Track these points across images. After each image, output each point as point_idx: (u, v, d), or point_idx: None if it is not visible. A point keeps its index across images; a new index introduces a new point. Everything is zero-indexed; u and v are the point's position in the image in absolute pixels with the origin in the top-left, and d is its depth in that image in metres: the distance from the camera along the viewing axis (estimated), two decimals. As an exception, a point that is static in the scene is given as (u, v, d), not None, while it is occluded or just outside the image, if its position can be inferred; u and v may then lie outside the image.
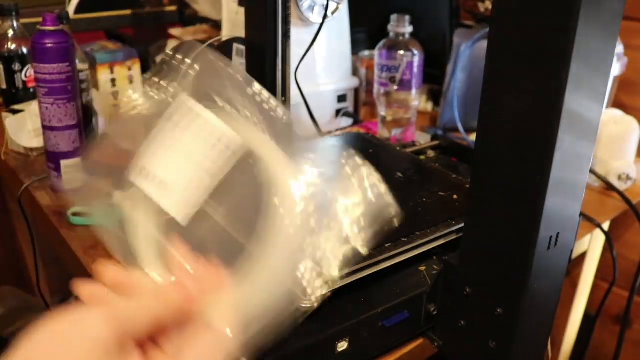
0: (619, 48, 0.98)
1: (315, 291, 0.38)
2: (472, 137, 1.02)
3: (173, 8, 1.57)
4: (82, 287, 0.33)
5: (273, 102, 0.43)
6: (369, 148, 0.80)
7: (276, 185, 0.39)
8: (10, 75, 1.03)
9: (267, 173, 0.40)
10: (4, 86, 1.04)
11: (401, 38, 1.00)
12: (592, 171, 0.92)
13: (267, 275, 0.37)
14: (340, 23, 1.10)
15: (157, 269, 0.38)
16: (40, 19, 0.79)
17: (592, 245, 0.99)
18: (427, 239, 0.59)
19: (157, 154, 0.40)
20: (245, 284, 0.37)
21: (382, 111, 1.06)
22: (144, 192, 0.40)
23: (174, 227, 0.39)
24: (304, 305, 0.38)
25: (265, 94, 0.43)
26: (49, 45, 0.78)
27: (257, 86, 0.43)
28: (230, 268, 0.37)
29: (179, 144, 0.39)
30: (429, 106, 1.26)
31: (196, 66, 0.42)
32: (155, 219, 0.40)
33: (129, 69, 1.15)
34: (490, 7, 1.05)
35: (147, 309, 0.32)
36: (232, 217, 0.39)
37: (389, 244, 0.57)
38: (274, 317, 0.36)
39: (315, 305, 0.39)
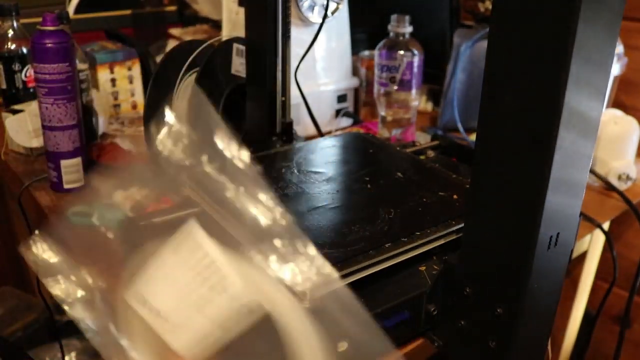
0: (619, 48, 0.98)
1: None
2: (472, 137, 1.02)
3: (173, 8, 1.57)
4: None
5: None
6: (369, 148, 0.79)
7: None
8: (10, 75, 1.03)
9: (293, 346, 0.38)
10: (4, 86, 1.04)
11: (401, 38, 1.00)
12: (592, 171, 0.92)
13: None
14: (340, 23, 1.10)
15: None
16: (40, 19, 0.79)
17: (592, 245, 0.99)
18: (427, 239, 0.59)
19: (160, 287, 0.38)
20: None
21: (382, 111, 1.06)
22: (148, 322, 0.38)
23: None
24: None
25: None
26: (49, 45, 0.78)
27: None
28: None
29: (188, 285, 0.37)
30: (429, 106, 1.26)
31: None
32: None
33: (129, 69, 1.15)
34: (490, 7, 1.05)
35: None
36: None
37: (389, 244, 0.57)
38: None
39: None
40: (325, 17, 0.91)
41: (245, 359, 0.38)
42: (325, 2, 1.00)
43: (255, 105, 0.83)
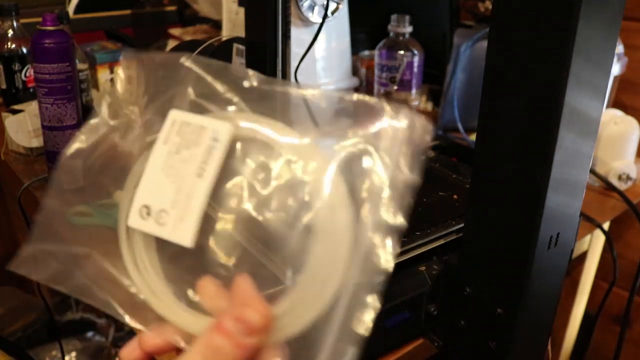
0: (619, 48, 0.98)
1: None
2: (472, 137, 1.02)
3: (173, 8, 1.57)
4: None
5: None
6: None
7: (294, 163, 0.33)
8: (10, 75, 1.03)
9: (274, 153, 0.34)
10: (4, 86, 1.04)
11: (401, 38, 1.00)
12: (592, 171, 0.92)
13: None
14: (340, 23, 1.10)
15: (186, 314, 0.34)
16: (40, 19, 0.79)
17: (592, 245, 0.99)
18: (427, 239, 0.59)
19: (152, 183, 0.35)
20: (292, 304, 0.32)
21: (382, 111, 1.06)
22: (145, 231, 0.35)
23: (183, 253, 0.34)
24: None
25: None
26: (49, 45, 0.78)
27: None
28: (265, 260, 0.33)
29: (171, 162, 0.35)
30: (429, 106, 1.26)
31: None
32: (158, 256, 0.36)
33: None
34: (490, 7, 1.05)
35: None
36: (244, 223, 0.34)
37: (389, 244, 0.57)
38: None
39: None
40: (325, 17, 0.91)
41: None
42: (325, 2, 1.00)
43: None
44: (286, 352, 0.32)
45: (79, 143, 0.38)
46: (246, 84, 0.35)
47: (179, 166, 0.34)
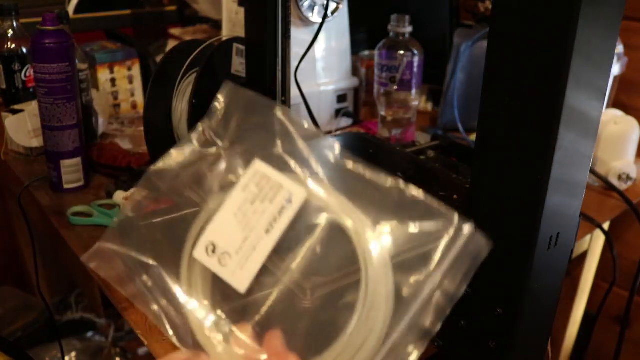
0: (619, 48, 0.98)
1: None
2: (472, 137, 1.02)
3: (173, 8, 1.57)
4: None
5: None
6: (369, 148, 0.79)
7: (358, 247, 0.36)
8: (10, 75, 1.03)
9: (346, 232, 0.37)
10: (4, 86, 1.04)
11: (401, 38, 1.00)
12: (592, 171, 0.92)
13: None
14: (340, 23, 1.10)
15: (217, 345, 0.36)
16: (40, 19, 0.79)
17: (592, 245, 0.99)
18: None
19: (223, 224, 0.37)
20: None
21: (382, 111, 1.06)
22: (206, 266, 0.38)
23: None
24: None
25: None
26: (49, 45, 0.78)
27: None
28: (301, 324, 0.36)
29: (244, 209, 0.37)
30: (429, 106, 1.26)
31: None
32: (210, 286, 0.38)
33: (129, 69, 1.15)
34: (490, 7, 1.05)
35: None
36: (308, 271, 0.36)
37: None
38: None
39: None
40: (325, 17, 0.91)
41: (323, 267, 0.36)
42: (325, 2, 1.00)
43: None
44: None
45: (167, 161, 0.41)
46: (331, 158, 0.38)
47: (250, 216, 0.37)
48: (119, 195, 0.79)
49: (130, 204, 0.41)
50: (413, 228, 0.35)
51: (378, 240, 0.35)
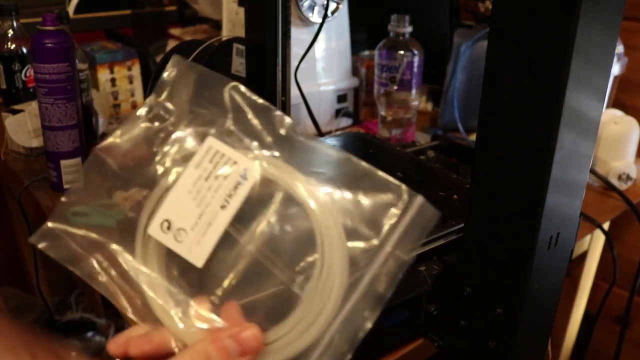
0: (619, 48, 0.98)
1: None
2: (472, 137, 1.02)
3: (173, 8, 1.57)
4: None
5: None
6: (369, 148, 0.80)
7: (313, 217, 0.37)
8: (10, 75, 1.03)
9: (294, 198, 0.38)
10: (4, 86, 1.04)
11: (401, 38, 1.00)
12: (592, 171, 0.92)
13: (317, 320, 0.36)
14: (340, 23, 1.10)
15: (176, 320, 0.37)
16: (40, 19, 0.79)
17: (592, 245, 0.99)
18: (427, 239, 0.59)
19: (178, 202, 0.38)
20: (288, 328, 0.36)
21: (382, 111, 1.06)
22: (163, 243, 0.38)
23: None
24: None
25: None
26: (49, 45, 0.78)
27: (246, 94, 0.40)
28: (258, 291, 0.37)
29: (199, 186, 0.38)
30: (429, 106, 1.26)
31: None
32: (166, 262, 0.39)
33: (129, 69, 1.15)
34: (490, 7, 1.05)
35: None
36: (264, 244, 0.37)
37: (389, 244, 0.57)
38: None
39: None
40: (325, 17, 0.91)
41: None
42: (325, 2, 1.00)
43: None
44: None
45: (114, 138, 0.40)
46: (282, 131, 0.39)
47: (205, 192, 0.37)
48: (119, 196, 0.78)
49: (78, 182, 0.41)
50: (365, 198, 0.37)
51: (332, 211, 0.36)
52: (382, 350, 0.58)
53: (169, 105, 0.40)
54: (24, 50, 1.03)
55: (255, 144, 0.38)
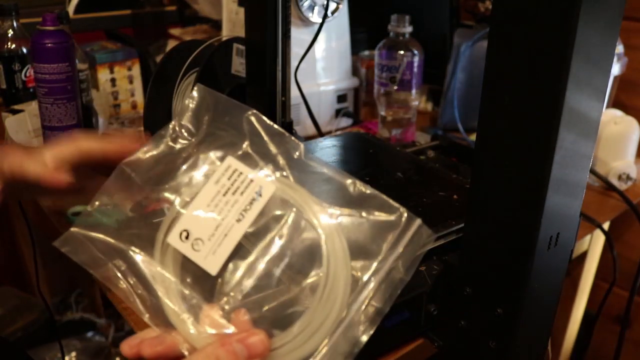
0: (619, 48, 0.98)
1: None
2: (472, 137, 1.02)
3: (173, 8, 1.57)
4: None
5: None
6: (369, 148, 0.79)
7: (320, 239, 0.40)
8: (10, 75, 1.03)
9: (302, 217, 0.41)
10: (4, 86, 1.04)
11: (401, 38, 1.00)
12: (592, 171, 0.92)
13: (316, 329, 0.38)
14: (340, 23, 1.10)
15: (189, 324, 0.39)
16: (40, 19, 0.79)
17: (592, 245, 0.99)
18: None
19: (198, 213, 0.41)
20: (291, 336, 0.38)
21: (382, 111, 1.06)
22: (180, 252, 0.41)
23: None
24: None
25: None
26: (49, 45, 0.78)
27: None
28: (267, 300, 0.39)
29: (217, 201, 0.41)
30: (429, 106, 1.26)
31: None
32: (182, 269, 0.41)
33: (129, 69, 1.15)
34: (490, 7, 1.05)
35: None
36: (274, 257, 0.40)
37: (389, 244, 0.57)
38: None
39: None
40: (325, 17, 0.91)
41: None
42: (325, 2, 1.00)
43: (255, 105, 0.83)
44: None
45: (140, 154, 0.43)
46: (295, 155, 0.42)
47: (222, 206, 0.41)
48: (119, 195, 0.78)
49: (101, 192, 0.43)
50: (368, 219, 0.40)
51: (337, 229, 0.40)
52: (382, 350, 0.58)
53: (191, 127, 0.44)
54: (24, 50, 1.03)
55: (270, 165, 0.42)
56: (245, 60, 0.79)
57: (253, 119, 0.43)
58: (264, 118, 0.43)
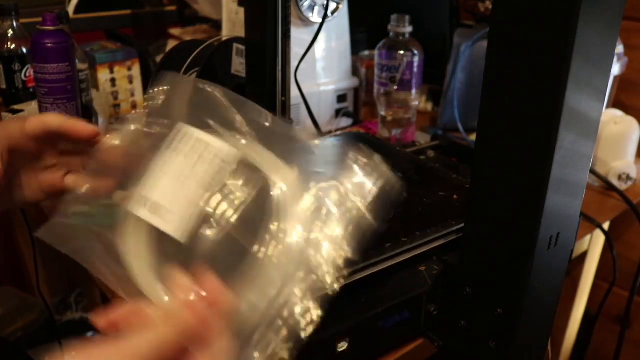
0: (619, 48, 0.98)
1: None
2: (472, 137, 1.02)
3: (173, 8, 1.57)
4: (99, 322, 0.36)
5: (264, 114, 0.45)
6: (368, 148, 0.79)
7: (275, 192, 0.41)
8: (10, 75, 1.03)
9: (266, 179, 0.42)
10: (4, 86, 1.04)
11: (401, 38, 1.00)
12: (592, 171, 0.92)
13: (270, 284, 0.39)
14: (340, 23, 1.10)
15: (160, 293, 0.39)
16: (40, 19, 0.79)
17: (592, 245, 0.99)
18: (427, 239, 0.59)
19: (155, 180, 0.41)
20: (251, 293, 0.38)
21: (382, 111, 1.06)
22: (143, 219, 0.41)
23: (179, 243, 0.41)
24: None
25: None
26: (49, 45, 0.78)
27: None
28: (235, 271, 0.39)
29: (175, 167, 0.41)
30: (429, 106, 1.26)
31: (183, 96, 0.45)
32: (152, 243, 0.41)
33: (129, 69, 1.15)
34: (490, 7, 1.05)
35: (165, 337, 0.34)
36: (238, 223, 0.40)
37: (389, 244, 0.57)
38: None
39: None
40: (325, 17, 0.91)
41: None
42: (325, 2, 1.00)
43: (255, 105, 0.83)
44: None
45: (115, 140, 0.45)
46: (261, 121, 0.43)
47: (187, 175, 0.41)
48: (119, 195, 0.78)
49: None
50: (336, 171, 0.43)
51: (299, 192, 0.41)
52: (382, 350, 0.58)
53: (162, 112, 0.45)
54: (24, 50, 1.03)
55: (237, 133, 0.43)
56: (245, 60, 0.79)
57: (218, 93, 0.44)
58: (232, 93, 0.44)
